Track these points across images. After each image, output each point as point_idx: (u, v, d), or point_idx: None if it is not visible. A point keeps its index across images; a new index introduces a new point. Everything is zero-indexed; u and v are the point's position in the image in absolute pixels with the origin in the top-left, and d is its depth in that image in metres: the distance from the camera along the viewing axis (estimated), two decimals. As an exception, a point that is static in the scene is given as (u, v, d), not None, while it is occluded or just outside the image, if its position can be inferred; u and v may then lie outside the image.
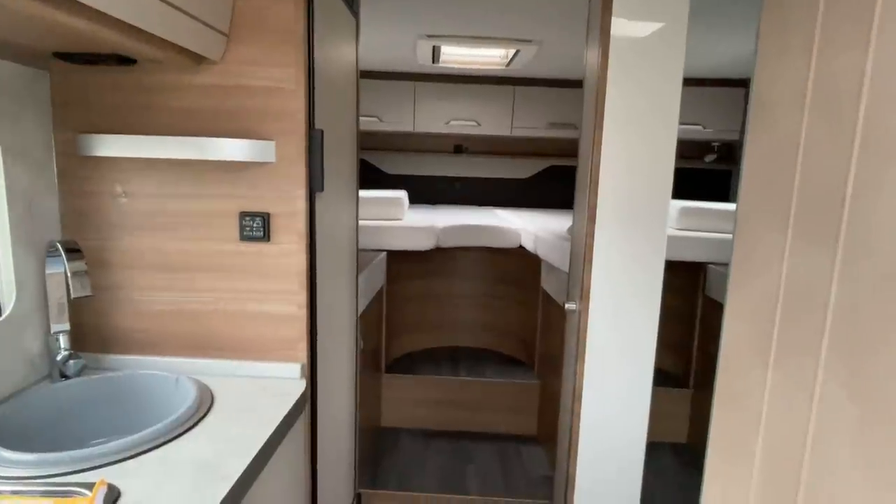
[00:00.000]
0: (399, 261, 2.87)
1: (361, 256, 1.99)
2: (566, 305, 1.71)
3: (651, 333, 1.64)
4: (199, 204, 1.21)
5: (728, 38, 2.59)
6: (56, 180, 1.22)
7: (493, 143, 4.03)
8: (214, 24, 1.09)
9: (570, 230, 2.32)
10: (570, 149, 3.97)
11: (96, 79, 1.18)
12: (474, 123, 3.73)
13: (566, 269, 2.18)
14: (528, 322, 3.06)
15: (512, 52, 2.88)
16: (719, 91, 3.50)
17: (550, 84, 3.68)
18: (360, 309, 1.93)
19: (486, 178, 4.20)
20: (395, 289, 2.94)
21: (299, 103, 1.17)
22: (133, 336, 1.27)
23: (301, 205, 1.20)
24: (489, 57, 3.09)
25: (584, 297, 1.63)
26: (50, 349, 1.18)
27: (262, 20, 1.15)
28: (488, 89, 3.69)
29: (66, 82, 1.19)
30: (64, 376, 1.18)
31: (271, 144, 1.17)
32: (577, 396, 1.67)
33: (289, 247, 1.22)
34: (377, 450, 2.60)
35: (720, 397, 0.82)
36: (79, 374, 1.18)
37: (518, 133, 3.75)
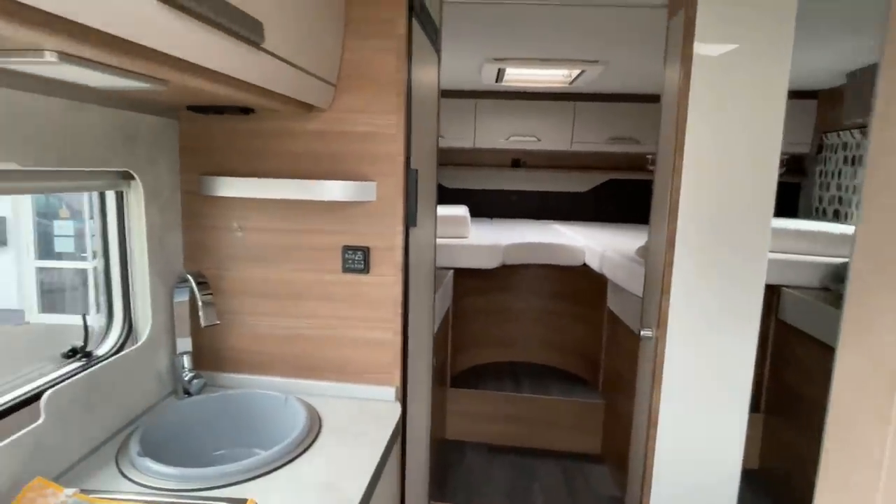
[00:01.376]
0: (463, 276, 2.95)
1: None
2: (641, 332, 1.72)
3: (747, 362, 1.60)
4: (306, 238, 1.32)
5: (798, 51, 2.53)
6: (180, 216, 1.36)
7: (551, 158, 4.06)
8: (326, 77, 1.19)
9: (641, 252, 2.32)
10: (629, 162, 3.95)
11: (218, 125, 1.32)
12: (534, 139, 3.77)
13: (636, 291, 2.19)
14: (592, 340, 3.06)
15: (577, 71, 2.91)
16: (789, 103, 3.39)
17: (612, 99, 3.68)
18: (435, 328, 2.01)
19: (543, 192, 4.23)
20: (459, 304, 3.02)
21: (399, 146, 1.26)
22: (245, 356, 1.39)
23: (398, 240, 1.29)
24: (553, 76, 3.13)
25: (660, 324, 1.64)
26: (175, 368, 1.32)
27: (366, 71, 1.25)
28: (549, 105, 3.72)
29: (193, 129, 1.33)
30: (187, 393, 1.31)
31: (372, 185, 1.27)
32: (652, 423, 1.69)
33: (386, 278, 1.31)
34: (445, 462, 2.68)
35: (832, 443, 0.83)
36: (200, 391, 1.32)
37: (578, 148, 3.76)
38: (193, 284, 1.21)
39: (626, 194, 4.14)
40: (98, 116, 1.04)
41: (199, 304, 1.19)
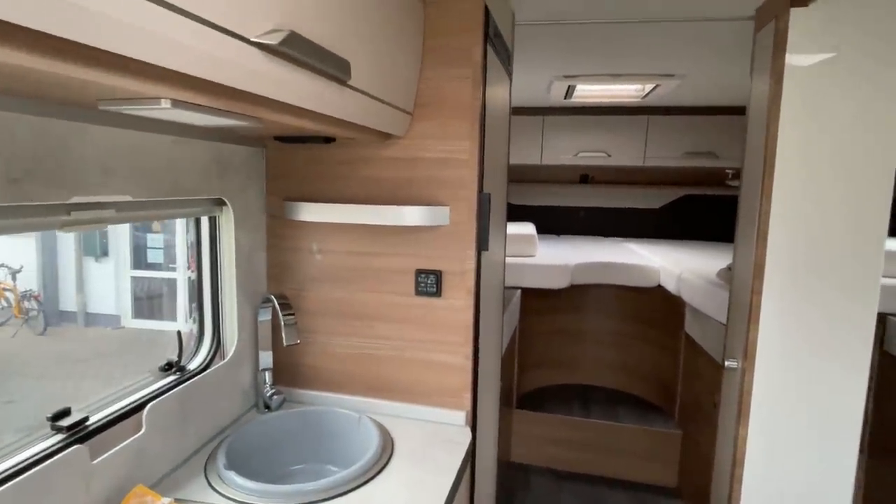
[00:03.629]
0: (530, 295, 2.91)
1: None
2: (726, 363, 1.62)
3: (856, 400, 1.46)
4: (380, 261, 1.36)
5: None
6: (265, 238, 1.44)
7: (621, 173, 3.94)
8: (404, 106, 1.23)
9: (723, 274, 2.19)
10: (706, 177, 3.76)
11: (301, 153, 1.39)
12: (604, 155, 3.67)
13: (718, 316, 2.06)
14: (667, 366, 2.91)
15: (651, 86, 2.82)
16: None
17: (688, 112, 3.53)
18: (503, 349, 1.99)
19: (613, 209, 4.11)
20: (525, 323, 2.98)
21: (472, 172, 1.27)
22: (320, 374, 1.44)
23: (471, 264, 1.30)
24: (625, 91, 3.05)
25: (748, 354, 1.53)
26: (258, 383, 1.39)
27: (441, 99, 1.27)
28: (619, 120, 3.62)
29: (278, 157, 1.41)
30: (267, 407, 1.38)
31: (446, 210, 1.28)
32: (738, 461, 1.57)
33: (458, 302, 1.31)
34: (510, 486, 2.63)
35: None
36: (280, 407, 1.38)
37: (651, 163, 3.62)
38: (277, 305, 1.27)
39: (703, 211, 3.94)
40: (198, 149, 1.13)
41: (283, 324, 1.25)
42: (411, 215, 1.25)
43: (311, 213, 1.31)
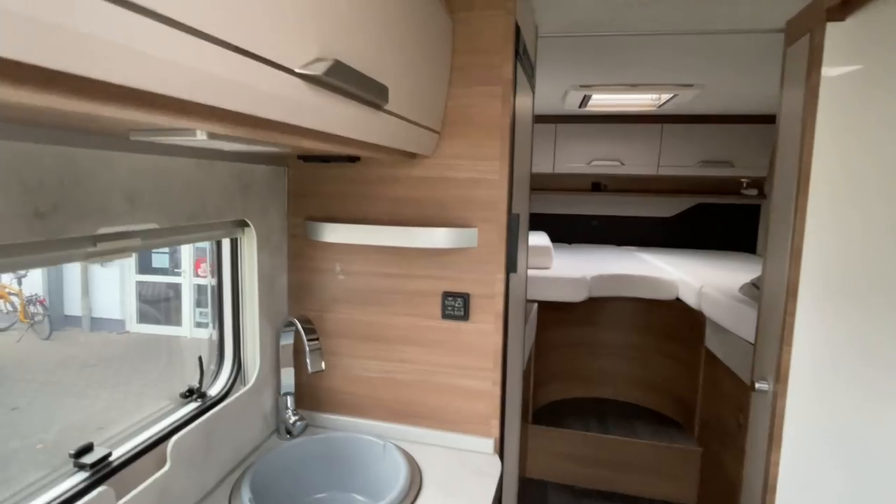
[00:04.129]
0: (546, 307, 2.86)
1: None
2: (755, 384, 1.57)
3: None
4: (406, 283, 1.32)
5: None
6: (287, 259, 1.40)
7: (634, 181, 3.90)
8: (432, 126, 1.19)
9: (746, 290, 2.15)
10: (721, 186, 3.71)
11: (324, 172, 1.35)
12: (617, 163, 3.63)
13: (742, 334, 2.02)
14: (686, 381, 2.86)
15: (668, 96, 2.78)
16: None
17: (703, 120, 3.49)
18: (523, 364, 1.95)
19: (625, 217, 4.06)
20: (541, 335, 2.94)
21: (501, 192, 1.24)
22: (343, 398, 1.41)
23: (499, 287, 1.26)
24: (641, 100, 3.02)
25: (780, 378, 1.49)
26: (279, 408, 1.35)
27: (470, 117, 1.24)
28: (634, 128, 3.59)
29: (300, 176, 1.37)
30: (289, 433, 1.34)
31: (474, 231, 1.25)
32: (769, 488, 1.52)
33: (486, 326, 1.28)
34: (526, 502, 2.58)
35: None
36: (302, 433, 1.34)
37: (665, 172, 3.58)
38: (301, 330, 1.23)
39: (717, 219, 3.89)
40: (221, 171, 1.10)
41: (307, 350, 1.21)
42: (438, 238, 1.21)
43: (334, 233, 1.28)
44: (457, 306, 1.28)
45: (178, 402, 1.17)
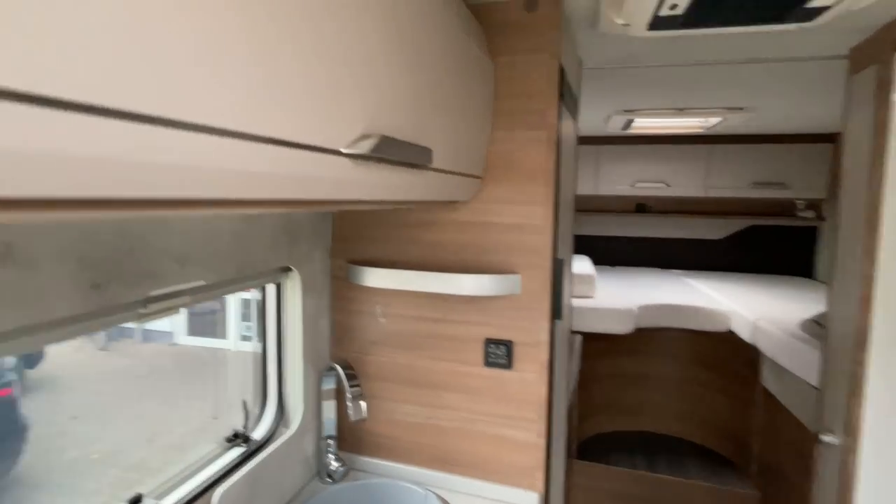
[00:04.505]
0: (589, 336, 2.78)
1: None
2: (821, 437, 1.46)
3: None
4: (447, 328, 1.30)
5: None
6: (329, 302, 1.41)
7: (681, 202, 3.77)
8: (474, 172, 1.18)
9: (807, 327, 2.02)
10: (773, 208, 3.54)
11: (366, 216, 1.36)
12: (662, 185, 3.52)
13: (803, 375, 1.89)
14: (740, 418, 2.71)
15: (717, 119, 2.68)
16: None
17: (754, 140, 3.34)
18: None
19: (671, 239, 3.92)
20: (584, 365, 2.85)
21: (546, 238, 1.20)
22: (384, 442, 1.39)
23: (544, 336, 1.22)
24: (688, 124, 2.92)
25: (850, 431, 1.38)
26: (320, 451, 1.35)
27: (513, 162, 1.22)
28: (680, 149, 3.47)
29: (343, 220, 1.38)
30: (329, 477, 1.33)
31: (517, 278, 1.22)
32: (840, 549, 1.40)
33: (530, 375, 1.24)
34: None
35: None
36: (343, 478, 1.33)
37: (714, 194, 3.44)
38: (343, 375, 1.23)
39: (771, 242, 3.70)
40: (268, 223, 1.11)
41: (349, 396, 1.21)
42: (480, 285, 1.19)
43: (375, 278, 1.28)
44: (500, 354, 1.25)
45: (224, 446, 1.18)
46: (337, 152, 0.60)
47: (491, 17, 1.20)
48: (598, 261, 3.91)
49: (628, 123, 2.91)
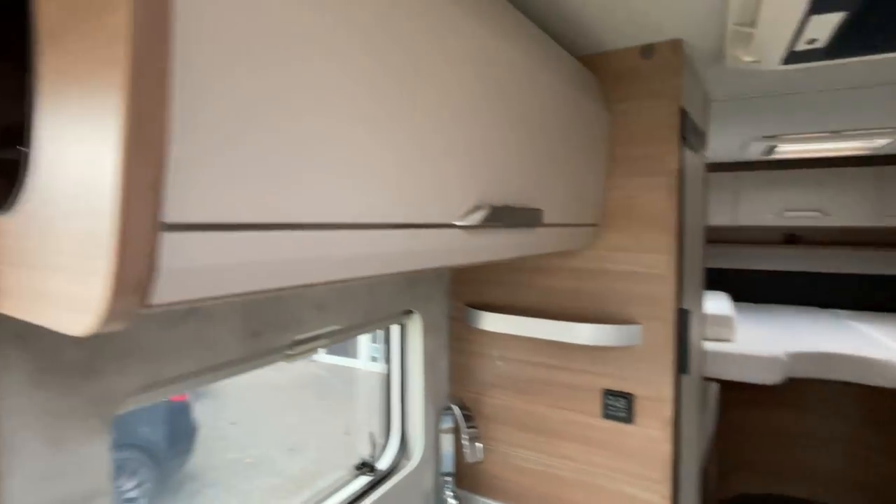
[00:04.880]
0: (730, 384, 2.52)
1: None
2: None
3: None
4: (563, 376, 1.29)
5: None
6: (447, 342, 1.48)
7: (844, 233, 3.29)
8: (589, 222, 1.18)
9: None
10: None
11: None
12: (818, 214, 3.11)
13: None
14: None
15: (884, 142, 2.33)
16: None
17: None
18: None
19: (829, 274, 3.43)
20: (725, 416, 2.58)
21: (668, 288, 1.15)
22: (501, 485, 1.41)
23: (667, 391, 1.16)
24: (844, 147, 2.57)
25: None
26: (438, 489, 1.40)
27: (632, 209, 1.19)
28: (839, 173, 3.05)
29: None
30: (447, 514, 1.38)
31: (636, 329, 1.18)
32: None
33: (653, 432, 1.17)
34: None
35: None
36: (459, 517, 1.37)
37: (889, 222, 2.95)
38: (459, 415, 1.28)
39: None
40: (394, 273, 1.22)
41: (465, 437, 1.25)
42: (598, 334, 1.17)
43: (491, 322, 1.32)
44: (619, 407, 1.21)
45: (352, 474, 1.29)
46: (451, 225, 0.66)
47: (607, 67, 1.21)
48: (741, 297, 3.54)
49: (770, 149, 2.65)
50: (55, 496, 0.59)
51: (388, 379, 1.40)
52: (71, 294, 0.35)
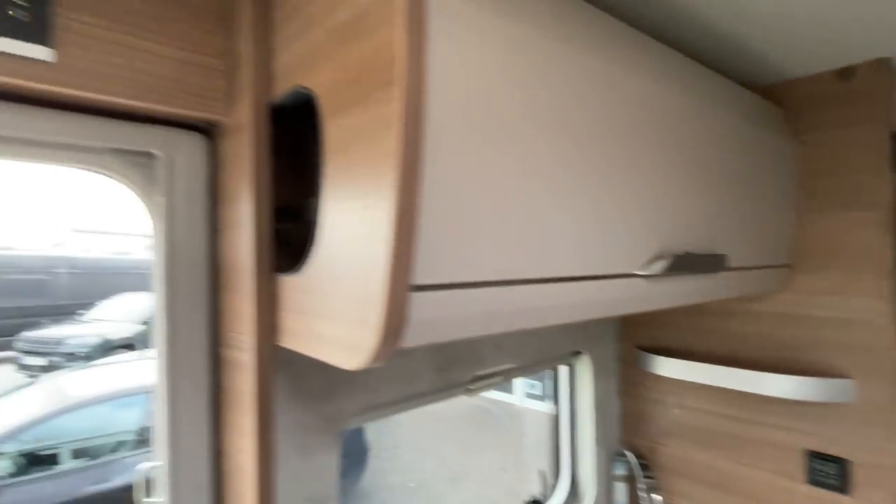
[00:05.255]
0: None
1: None
2: None
3: None
4: (753, 431, 1.18)
5: None
6: (618, 385, 1.45)
7: None
8: (781, 262, 1.08)
9: None
10: None
11: (655, 302, 1.37)
12: None
13: None
14: None
15: None
16: None
17: None
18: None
19: None
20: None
21: (884, 338, 1.00)
22: (680, 545, 1.31)
23: (893, 460, 0.99)
24: None
25: None
26: (611, 537, 1.36)
27: (831, 248, 1.07)
28: None
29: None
30: (622, 567, 1.32)
31: (847, 384, 1.03)
32: None
33: (877, 507, 1.01)
34: None
35: None
36: (636, 572, 1.30)
37: None
38: (635, 464, 1.24)
39: None
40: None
41: (642, 488, 1.21)
42: (798, 387, 1.05)
43: (668, 368, 1.26)
44: (829, 473, 1.06)
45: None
46: (632, 275, 0.68)
47: (794, 95, 1.13)
48: None
49: None
50: (303, 495, 0.74)
51: (556, 419, 1.42)
52: (347, 338, 0.47)
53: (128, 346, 6.99)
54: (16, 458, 3.08)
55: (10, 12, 0.50)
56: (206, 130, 0.68)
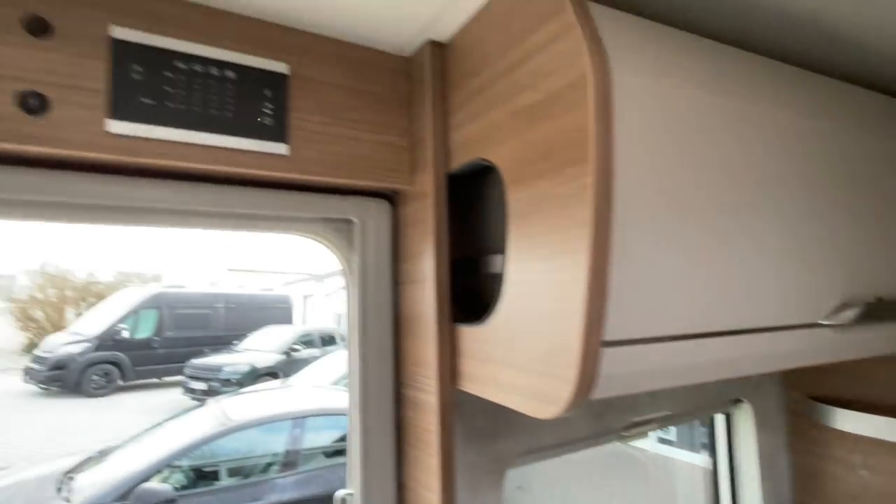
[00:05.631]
0: None
1: None
2: None
3: None
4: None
5: None
6: (787, 439, 1.31)
7: None
8: None
9: None
10: None
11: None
12: None
13: None
14: None
15: None
16: None
17: None
18: None
19: None
20: None
21: None
22: None
23: None
24: None
25: None
26: None
27: None
28: None
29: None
30: None
31: None
32: None
33: None
34: None
35: None
36: None
37: None
38: (815, 533, 1.11)
39: None
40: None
41: (826, 561, 1.07)
42: None
43: (852, 423, 1.13)
44: None
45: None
46: (814, 325, 0.65)
47: None
48: None
49: None
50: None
51: (714, 474, 1.32)
52: (537, 388, 0.52)
53: (271, 373, 7.77)
54: (187, 472, 3.53)
55: (260, 119, 0.64)
56: (390, 197, 0.78)
